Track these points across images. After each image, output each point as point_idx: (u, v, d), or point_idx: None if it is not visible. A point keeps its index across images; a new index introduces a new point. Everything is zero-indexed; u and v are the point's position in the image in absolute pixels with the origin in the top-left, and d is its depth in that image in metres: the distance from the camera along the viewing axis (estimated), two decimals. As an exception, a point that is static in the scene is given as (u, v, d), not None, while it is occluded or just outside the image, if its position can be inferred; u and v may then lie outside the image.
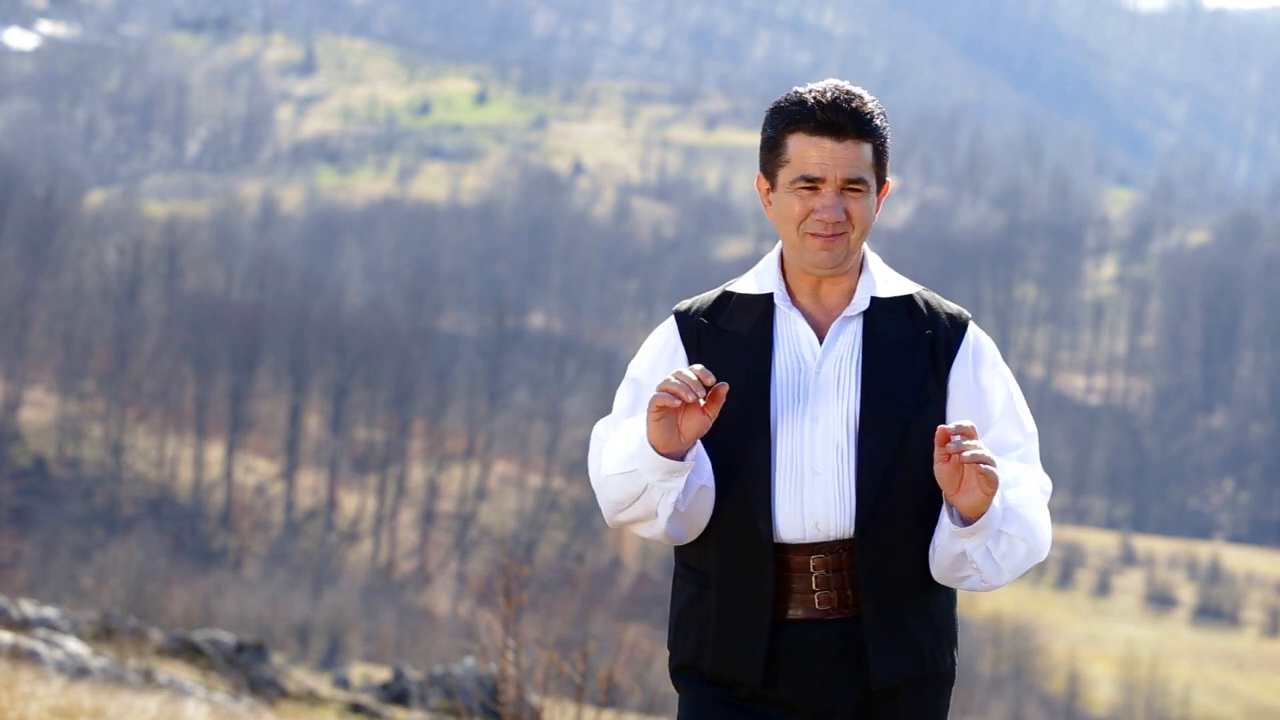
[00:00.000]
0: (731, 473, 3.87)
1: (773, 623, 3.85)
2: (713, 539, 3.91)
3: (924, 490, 3.87)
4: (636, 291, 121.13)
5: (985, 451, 3.69)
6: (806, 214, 3.86)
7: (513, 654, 8.35)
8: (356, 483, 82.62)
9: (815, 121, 3.84)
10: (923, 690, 3.90)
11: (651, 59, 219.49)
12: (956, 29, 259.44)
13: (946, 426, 3.69)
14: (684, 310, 4.01)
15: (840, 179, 3.84)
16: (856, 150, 3.84)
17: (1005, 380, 3.97)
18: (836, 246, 3.86)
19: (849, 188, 3.85)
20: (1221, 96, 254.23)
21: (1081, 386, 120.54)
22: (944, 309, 3.97)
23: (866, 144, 3.85)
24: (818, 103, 3.84)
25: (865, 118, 3.84)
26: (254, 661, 18.66)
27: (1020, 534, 3.80)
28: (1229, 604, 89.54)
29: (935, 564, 3.84)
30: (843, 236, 3.86)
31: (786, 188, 3.88)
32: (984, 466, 3.68)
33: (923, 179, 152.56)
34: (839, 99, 3.84)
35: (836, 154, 3.84)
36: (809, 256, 3.88)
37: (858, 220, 3.86)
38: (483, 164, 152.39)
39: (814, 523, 3.85)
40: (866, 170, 3.86)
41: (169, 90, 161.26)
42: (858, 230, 3.87)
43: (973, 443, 3.68)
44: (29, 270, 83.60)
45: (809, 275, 3.93)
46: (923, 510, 3.88)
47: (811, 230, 3.86)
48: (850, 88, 3.86)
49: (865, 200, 3.87)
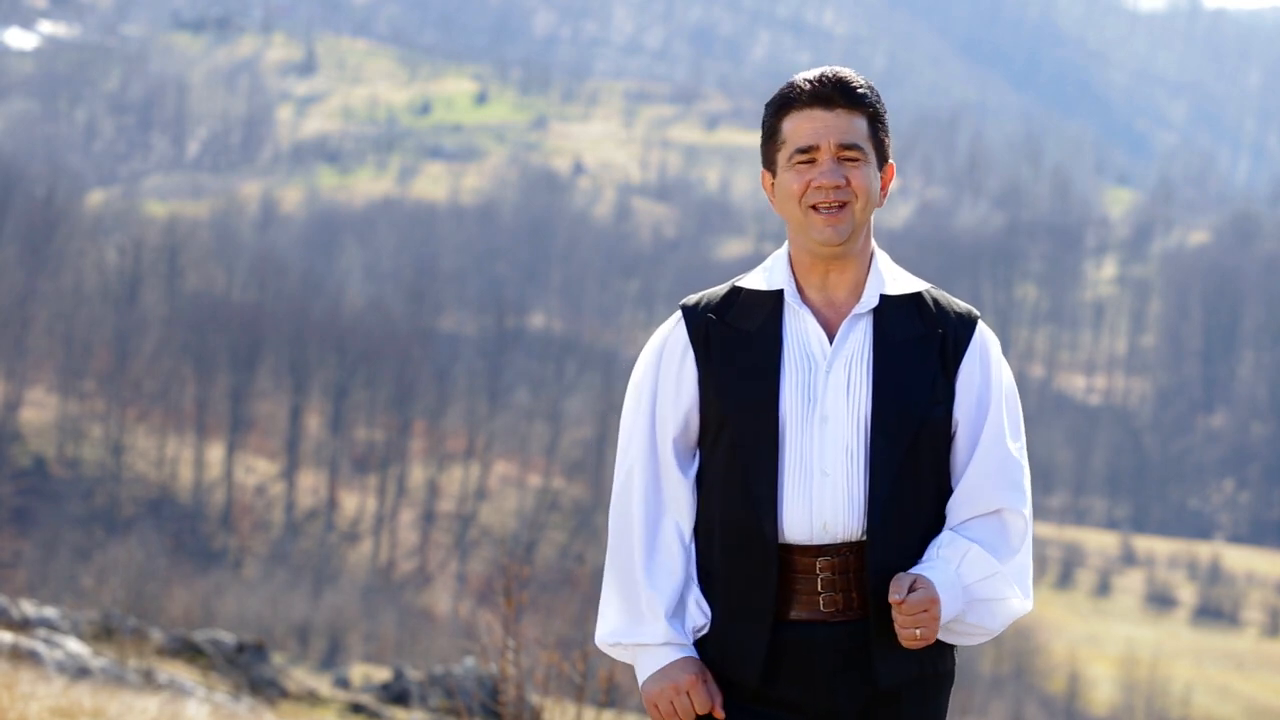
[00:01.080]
0: (738, 472, 3.85)
1: (777, 623, 3.84)
2: (717, 538, 3.89)
3: (933, 492, 3.88)
4: (637, 291, 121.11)
5: (919, 614, 3.74)
6: (806, 186, 3.85)
7: (513, 654, 8.34)
8: (357, 483, 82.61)
9: (805, 96, 3.85)
10: (925, 690, 3.89)
11: (652, 59, 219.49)
12: (957, 29, 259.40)
13: (902, 580, 3.76)
14: (692, 306, 3.97)
15: (834, 144, 3.83)
16: (849, 119, 3.85)
17: (1007, 384, 3.95)
18: (841, 220, 3.84)
19: (845, 155, 3.84)
20: (1221, 96, 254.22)
21: (1082, 386, 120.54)
22: (953, 307, 3.95)
23: (859, 115, 3.86)
24: (805, 80, 3.87)
25: (853, 87, 3.85)
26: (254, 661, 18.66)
27: (978, 624, 3.88)
28: (1229, 604, 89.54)
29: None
30: (846, 208, 3.84)
31: (785, 167, 3.88)
32: (915, 631, 3.76)
33: (923, 179, 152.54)
34: (825, 74, 3.88)
35: (828, 121, 3.84)
36: (815, 234, 3.85)
37: (859, 189, 3.85)
38: (483, 164, 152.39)
39: (822, 524, 3.83)
40: (862, 139, 3.85)
41: (169, 90, 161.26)
42: (861, 200, 3.85)
43: (915, 602, 3.74)
44: (29, 270, 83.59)
45: (818, 266, 3.90)
46: (932, 512, 3.89)
47: (813, 201, 3.84)
48: (839, 68, 3.89)
49: (864, 169, 3.86)
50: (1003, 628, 3.89)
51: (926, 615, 3.75)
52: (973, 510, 3.89)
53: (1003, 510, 3.89)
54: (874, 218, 3.94)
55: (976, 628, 3.88)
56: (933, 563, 3.83)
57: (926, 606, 3.74)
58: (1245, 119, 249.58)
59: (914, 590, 3.75)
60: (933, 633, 3.77)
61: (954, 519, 3.90)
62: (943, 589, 3.79)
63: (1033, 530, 3.95)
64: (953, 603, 3.80)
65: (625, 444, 3.97)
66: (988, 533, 3.89)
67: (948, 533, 3.88)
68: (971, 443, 3.90)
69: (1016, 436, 3.93)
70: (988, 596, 3.85)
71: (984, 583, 3.85)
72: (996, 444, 3.90)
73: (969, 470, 3.89)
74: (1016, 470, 3.90)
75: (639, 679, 3.91)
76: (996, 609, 3.87)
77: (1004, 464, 3.89)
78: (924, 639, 3.76)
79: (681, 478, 3.92)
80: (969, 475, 3.89)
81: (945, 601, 3.78)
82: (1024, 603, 3.89)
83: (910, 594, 3.74)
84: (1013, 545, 3.89)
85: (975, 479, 3.88)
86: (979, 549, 3.85)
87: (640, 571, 3.92)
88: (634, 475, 3.95)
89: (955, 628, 3.87)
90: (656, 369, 3.96)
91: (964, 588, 3.83)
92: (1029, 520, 3.91)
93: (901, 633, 3.75)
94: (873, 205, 3.88)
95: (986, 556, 3.85)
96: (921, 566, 3.82)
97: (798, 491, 3.84)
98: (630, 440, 3.96)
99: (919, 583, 3.76)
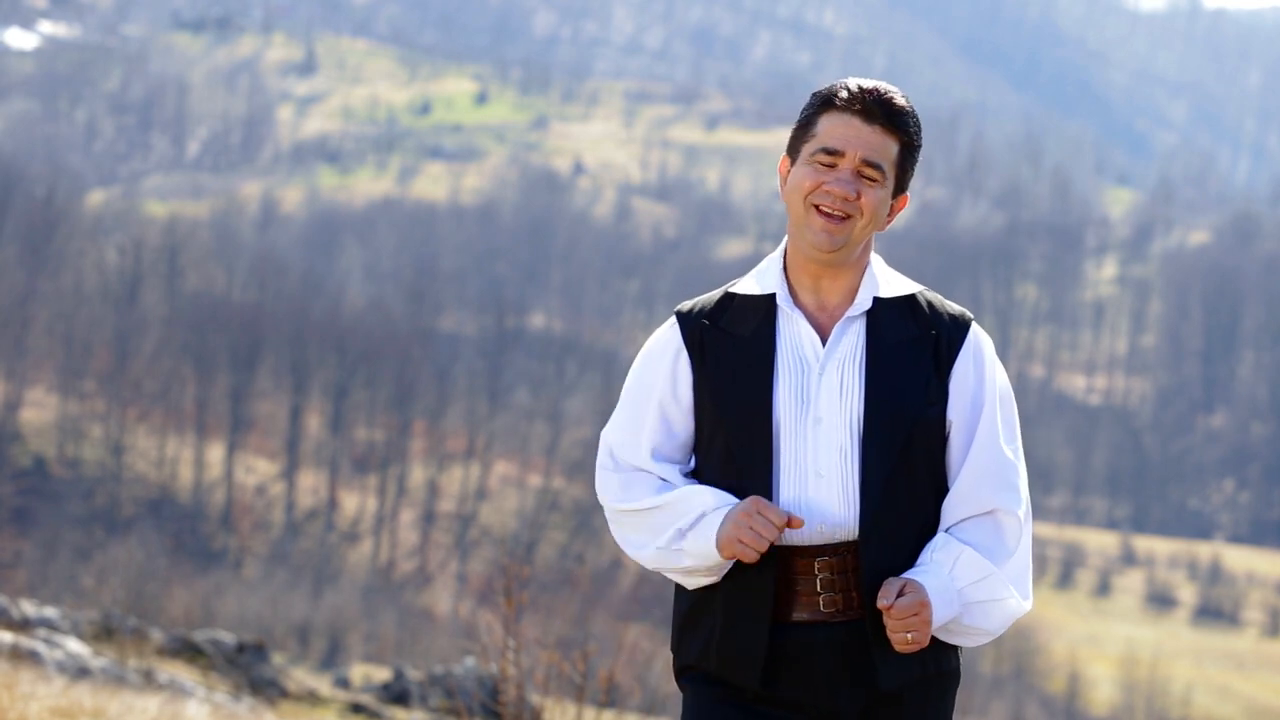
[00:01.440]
0: (734, 475, 3.86)
1: (778, 625, 3.84)
2: (714, 540, 3.91)
3: (928, 492, 3.90)
4: (637, 291, 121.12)
5: (909, 618, 3.75)
6: (817, 185, 3.85)
7: (513, 654, 8.34)
8: (357, 483, 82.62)
9: (849, 101, 3.86)
10: (928, 690, 3.90)
11: (652, 59, 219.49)
12: (957, 29, 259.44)
13: (891, 585, 3.77)
14: (686, 312, 3.98)
15: (859, 157, 3.84)
16: (883, 138, 3.86)
17: (1002, 384, 3.95)
18: (840, 230, 3.85)
19: (866, 171, 3.85)
20: (1222, 96, 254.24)
21: (1082, 386, 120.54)
22: (946, 309, 3.95)
23: (893, 139, 3.87)
24: (858, 86, 3.88)
25: (898, 110, 3.87)
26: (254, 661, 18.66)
27: (976, 626, 3.88)
28: (1229, 604, 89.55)
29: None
30: (848, 221, 3.85)
31: (805, 159, 3.88)
32: (906, 635, 3.77)
33: (923, 179, 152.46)
34: (877, 88, 3.90)
35: (862, 133, 3.85)
36: (810, 235, 3.86)
37: (866, 208, 3.85)
38: (483, 164, 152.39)
39: (818, 525, 3.84)
40: (888, 162, 3.86)
41: (169, 90, 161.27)
42: (865, 219, 3.86)
43: (905, 606, 3.75)
44: (29, 270, 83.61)
45: (810, 270, 3.91)
46: (927, 512, 3.90)
47: (818, 202, 3.85)
48: (892, 87, 3.91)
49: (878, 191, 3.86)
50: (1002, 629, 3.90)
51: (917, 619, 3.76)
52: (967, 511, 3.90)
53: (997, 511, 3.90)
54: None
55: (975, 629, 3.88)
56: (926, 567, 3.84)
57: (917, 610, 3.75)
58: (1245, 119, 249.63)
59: (903, 595, 3.77)
60: (925, 636, 3.78)
61: (949, 520, 3.91)
62: (935, 593, 3.80)
63: (1031, 530, 3.94)
64: (946, 606, 3.81)
65: (621, 445, 3.97)
66: (982, 534, 3.89)
67: (942, 535, 3.89)
68: (966, 444, 3.91)
69: (1011, 437, 3.93)
70: (983, 599, 3.86)
71: (978, 585, 3.85)
72: (991, 445, 3.91)
73: (963, 471, 3.90)
74: (1011, 471, 3.91)
75: (712, 543, 3.81)
76: (993, 610, 3.88)
77: (998, 465, 3.90)
78: (916, 643, 3.77)
79: (653, 465, 3.94)
80: (963, 476, 3.90)
81: (938, 605, 3.79)
82: (1022, 603, 3.90)
83: (899, 598, 3.76)
84: (1008, 546, 3.90)
85: (970, 480, 3.89)
86: (972, 551, 3.85)
87: (654, 493, 3.91)
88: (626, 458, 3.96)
89: (954, 629, 3.88)
90: (653, 373, 3.97)
91: (958, 591, 3.83)
92: (1025, 521, 3.91)
93: (893, 637, 3.77)
94: (874, 226, 3.89)
95: (980, 559, 3.85)
96: (915, 571, 3.83)
97: (793, 493, 3.85)
98: (625, 442, 3.97)
99: (908, 587, 3.78)
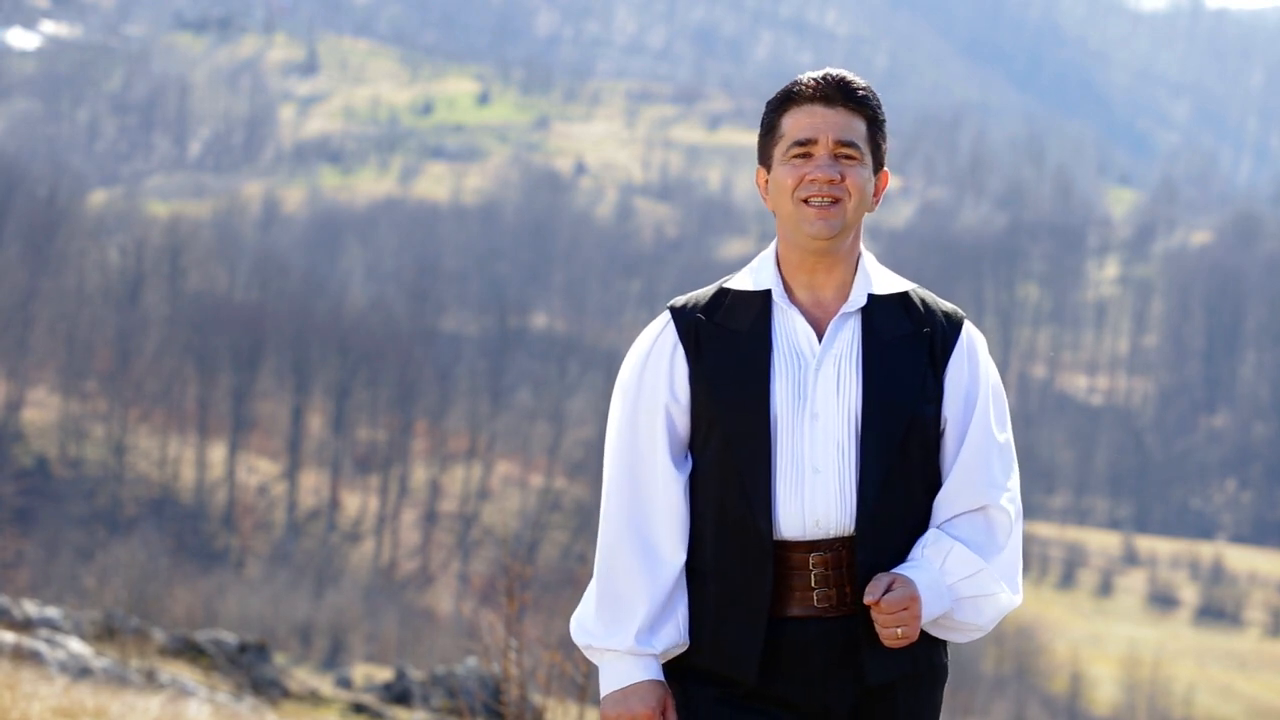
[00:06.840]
0: (731, 470, 3.87)
1: (771, 620, 3.86)
2: (711, 537, 3.91)
3: (923, 487, 3.92)
4: (639, 291, 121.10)
5: (898, 612, 3.77)
6: (800, 179, 3.88)
7: (515, 654, 8.34)
8: (359, 483, 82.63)
9: (807, 92, 3.89)
10: (917, 687, 3.92)
11: (654, 59, 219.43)
12: (959, 29, 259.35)
13: (879, 580, 3.79)
14: (681, 307, 3.99)
15: (833, 140, 3.87)
16: (849, 118, 3.88)
17: (994, 382, 3.98)
18: (834, 215, 3.87)
19: (842, 152, 3.87)
20: (1224, 96, 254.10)
21: (1084, 386, 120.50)
22: (940, 307, 3.98)
23: (859, 117, 3.89)
24: (809, 78, 3.91)
25: (857, 89, 3.90)
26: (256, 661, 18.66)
27: (966, 620, 3.90)
28: (1231, 604, 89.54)
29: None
30: (839, 205, 3.87)
31: (781, 160, 3.91)
32: (895, 630, 3.79)
33: (925, 179, 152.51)
34: (828, 74, 3.92)
35: (828, 117, 3.88)
36: (806, 227, 3.88)
37: (853, 186, 3.87)
38: (485, 164, 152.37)
39: (814, 520, 3.85)
40: (860, 139, 3.89)
41: (171, 90, 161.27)
42: (854, 198, 3.88)
43: (893, 601, 3.77)
44: (31, 270, 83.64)
45: (804, 267, 3.93)
46: (922, 508, 3.92)
47: (806, 195, 3.87)
48: (842, 70, 3.93)
49: (860, 169, 3.89)
50: (993, 623, 3.92)
51: (906, 614, 3.78)
52: (959, 507, 3.92)
53: (988, 507, 3.92)
54: (871, 220, 3.96)
55: (966, 624, 3.90)
56: (916, 562, 3.86)
57: (906, 605, 3.77)
58: (1247, 119, 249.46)
59: (891, 590, 3.78)
60: (914, 631, 3.80)
61: (940, 516, 3.93)
62: (925, 588, 3.82)
63: (1021, 526, 3.97)
64: (936, 601, 3.83)
65: (616, 446, 3.96)
66: (973, 530, 3.91)
67: (933, 531, 3.91)
68: (958, 440, 3.93)
69: (1003, 435, 3.96)
70: (974, 594, 3.88)
71: (968, 580, 3.87)
72: (983, 442, 3.93)
73: (955, 467, 3.92)
74: (1003, 468, 3.94)
75: (600, 688, 3.92)
76: (984, 605, 3.89)
77: (989, 461, 3.93)
78: (905, 638, 3.79)
79: (674, 479, 3.93)
80: (955, 472, 3.92)
81: (927, 600, 3.81)
82: (1012, 598, 3.92)
83: (887, 593, 3.77)
84: (999, 541, 3.92)
85: (961, 476, 3.92)
86: (962, 546, 3.87)
87: (623, 578, 3.92)
88: (626, 478, 3.95)
89: (945, 624, 3.90)
90: (645, 370, 3.97)
91: (948, 586, 3.86)
92: (1016, 516, 3.94)
93: (882, 632, 3.78)
94: (865, 206, 3.91)
95: (970, 554, 3.87)
96: (905, 566, 3.85)
97: (790, 488, 3.86)
98: (621, 442, 3.96)
99: (897, 582, 3.80)
